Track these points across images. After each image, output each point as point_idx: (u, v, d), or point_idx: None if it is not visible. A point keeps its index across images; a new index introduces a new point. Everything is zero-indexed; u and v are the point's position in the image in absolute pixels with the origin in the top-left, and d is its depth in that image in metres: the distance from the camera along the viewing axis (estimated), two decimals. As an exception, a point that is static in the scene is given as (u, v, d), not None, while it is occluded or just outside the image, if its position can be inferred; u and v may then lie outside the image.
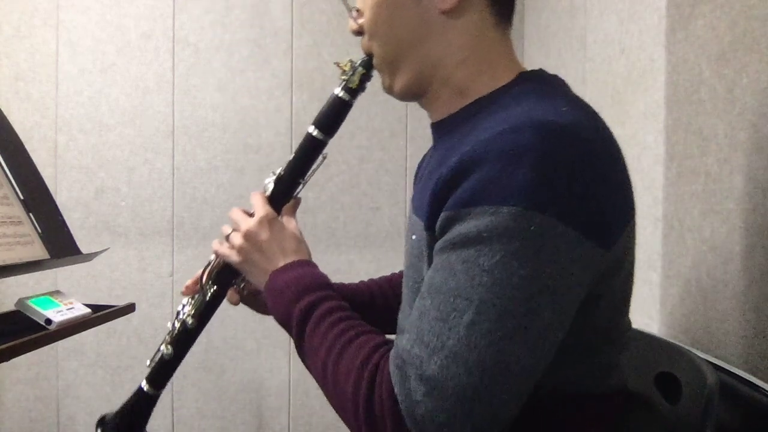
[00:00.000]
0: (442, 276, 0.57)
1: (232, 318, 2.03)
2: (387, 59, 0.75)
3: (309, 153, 0.84)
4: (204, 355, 2.06)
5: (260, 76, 2.08)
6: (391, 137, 2.07)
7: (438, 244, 0.60)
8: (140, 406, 0.90)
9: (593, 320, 0.62)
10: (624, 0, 1.27)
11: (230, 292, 0.88)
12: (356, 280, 1.06)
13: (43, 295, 1.04)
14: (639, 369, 0.83)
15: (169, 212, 2.08)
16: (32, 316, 0.97)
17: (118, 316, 1.17)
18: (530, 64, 0.75)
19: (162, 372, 0.89)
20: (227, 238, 0.83)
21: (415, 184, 0.90)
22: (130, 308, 1.20)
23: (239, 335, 2.07)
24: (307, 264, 0.78)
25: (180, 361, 0.90)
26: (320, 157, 0.84)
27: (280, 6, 2.08)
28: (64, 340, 1.02)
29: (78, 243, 1.19)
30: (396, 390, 0.56)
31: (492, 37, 0.71)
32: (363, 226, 2.09)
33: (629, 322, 0.72)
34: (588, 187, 0.56)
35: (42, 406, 2.09)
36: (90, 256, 1.18)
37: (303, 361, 0.72)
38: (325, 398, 0.68)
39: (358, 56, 0.81)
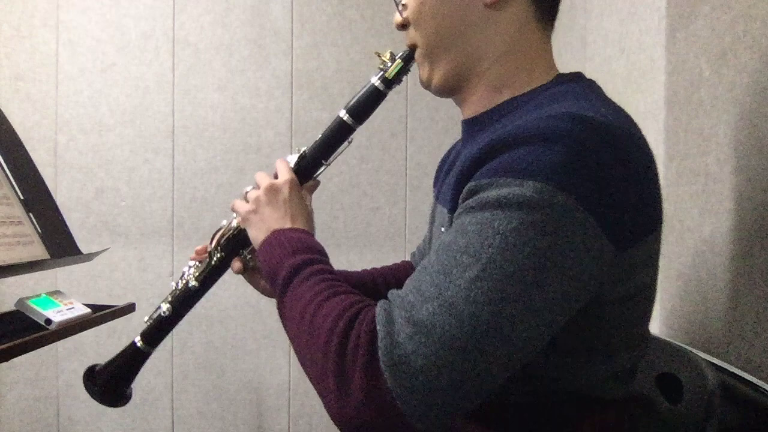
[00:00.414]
0: (452, 236, 0.56)
1: (233, 318, 2.03)
2: (429, 49, 0.75)
3: (337, 136, 0.84)
4: (204, 355, 2.06)
5: (260, 76, 2.08)
6: (391, 137, 2.07)
7: (456, 213, 0.59)
8: (131, 360, 0.92)
9: (609, 323, 0.61)
10: (624, 0, 1.27)
11: (235, 261, 0.88)
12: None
13: (43, 295, 1.04)
14: (640, 369, 0.83)
15: (169, 212, 2.08)
16: (32, 316, 0.97)
17: (118, 316, 1.17)
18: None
19: (158, 330, 0.91)
20: (246, 194, 0.83)
21: (437, 179, 0.90)
22: (130, 308, 1.20)
23: (239, 335, 2.07)
24: (311, 234, 0.77)
25: (177, 322, 0.91)
26: (346, 143, 0.84)
27: (280, 6, 2.07)
28: (64, 340, 1.02)
29: (78, 243, 1.19)
30: (378, 328, 0.54)
31: (533, 35, 0.72)
32: (363, 226, 2.09)
33: (648, 332, 0.71)
34: (615, 184, 0.55)
35: (42, 406, 2.09)
36: (90, 256, 1.18)
37: (280, 312, 0.69)
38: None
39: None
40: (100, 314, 1.10)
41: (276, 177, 0.83)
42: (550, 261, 0.53)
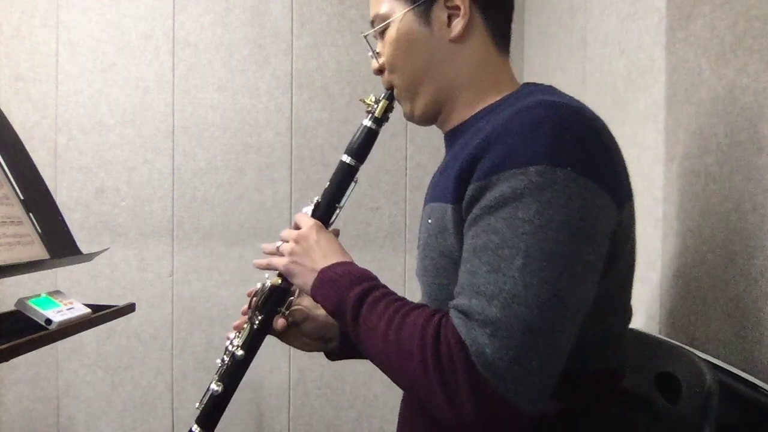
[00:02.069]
0: (484, 238, 0.63)
1: (232, 318, 2.02)
2: (407, 88, 0.85)
3: (345, 179, 0.92)
4: (204, 355, 2.06)
5: (260, 76, 2.08)
6: (391, 137, 2.07)
7: (473, 214, 0.65)
8: None
9: (602, 285, 0.65)
10: (624, 0, 1.26)
11: (277, 319, 0.92)
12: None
13: (43, 295, 1.04)
14: (639, 369, 0.83)
15: (169, 212, 2.08)
16: (32, 316, 0.97)
17: (118, 316, 1.17)
18: (530, 64, 0.77)
19: (213, 412, 0.90)
20: (278, 249, 0.88)
21: (434, 177, 0.93)
22: (130, 308, 1.20)
23: (239, 335, 2.06)
24: (354, 264, 0.82)
25: (230, 397, 0.91)
26: (352, 183, 0.92)
27: (280, 6, 2.08)
28: (64, 340, 1.02)
29: (78, 243, 1.19)
30: (463, 337, 0.60)
31: (494, 60, 0.82)
32: (363, 226, 2.09)
33: (631, 309, 0.75)
34: (598, 151, 0.64)
35: (42, 406, 2.09)
36: (90, 256, 1.18)
37: (357, 342, 0.73)
38: (325, 398, 0.68)
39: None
40: (100, 314, 1.10)
41: (299, 228, 0.88)
42: (575, 228, 0.60)
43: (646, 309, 1.14)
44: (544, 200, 0.60)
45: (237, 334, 0.93)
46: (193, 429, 0.90)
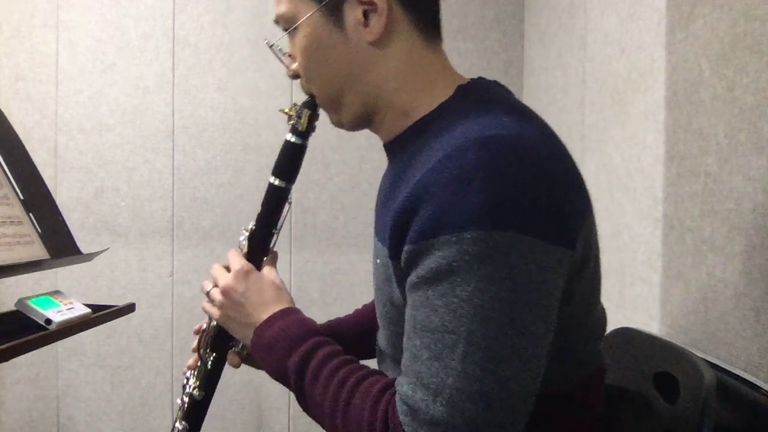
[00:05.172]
0: (424, 314, 0.58)
1: (232, 318, 2.02)
2: (329, 98, 0.76)
3: (276, 203, 0.84)
4: (204, 355, 2.07)
5: (260, 76, 2.08)
6: (391, 137, 2.07)
7: (411, 279, 0.60)
8: None
9: (566, 319, 0.62)
10: (624, 0, 1.27)
11: (230, 355, 0.87)
12: (356, 281, 1.07)
13: (43, 295, 1.04)
14: (638, 369, 0.83)
15: (169, 212, 2.08)
16: (32, 316, 0.97)
17: (118, 316, 1.17)
18: (530, 64, 0.75)
19: None
20: (208, 294, 0.82)
21: (376, 205, 0.88)
22: (130, 308, 1.20)
23: (239, 335, 2.06)
24: (290, 312, 0.76)
25: None
26: (287, 204, 0.84)
27: (280, 6, 2.07)
28: (64, 340, 1.02)
29: (78, 243, 1.19)
30: None
31: (423, 56, 0.72)
32: (363, 226, 2.09)
33: (602, 310, 0.73)
34: (542, 195, 0.57)
35: (42, 406, 2.09)
36: (90, 256, 1.18)
37: (307, 412, 0.70)
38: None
39: (301, 99, 0.81)
40: (100, 314, 1.10)
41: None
42: (519, 303, 0.55)
43: (645, 309, 1.14)
44: (483, 274, 0.54)
45: (192, 372, 0.89)
46: None
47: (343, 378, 0.65)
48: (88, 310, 1.08)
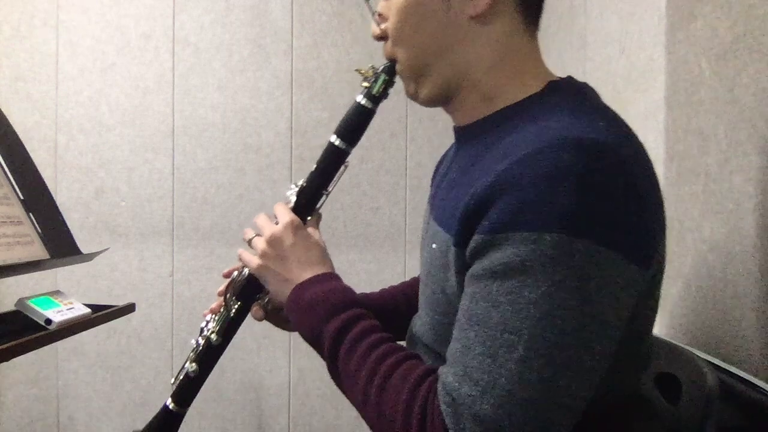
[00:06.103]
0: (484, 307, 0.56)
1: (232, 318, 2.03)
2: (413, 66, 0.72)
3: (332, 163, 0.81)
4: (204, 355, 2.07)
5: (260, 76, 2.08)
6: (391, 137, 2.07)
7: (474, 269, 0.58)
8: (166, 424, 0.89)
9: (624, 340, 0.59)
10: (624, 0, 1.27)
11: (254, 308, 0.85)
12: (356, 280, 1.06)
13: (43, 295, 1.04)
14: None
15: (169, 212, 2.08)
16: (32, 316, 0.97)
17: (118, 316, 1.17)
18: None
19: (187, 389, 0.88)
20: (249, 242, 0.79)
21: (433, 185, 0.86)
22: (130, 308, 1.20)
23: (239, 335, 2.06)
24: (334, 278, 0.74)
25: (205, 378, 0.89)
26: (342, 167, 0.81)
27: (280, 6, 2.07)
28: (64, 340, 1.02)
29: (78, 243, 1.19)
30: (450, 428, 0.55)
31: (521, 42, 0.69)
32: (363, 226, 2.09)
33: (651, 342, 0.71)
34: (629, 210, 0.55)
35: (42, 406, 2.09)
36: (90, 256, 1.18)
37: (336, 382, 0.69)
38: (325, 398, 0.67)
39: (375, 62, 0.78)
40: (100, 314, 1.10)
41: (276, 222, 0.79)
42: (588, 315, 0.53)
43: (646, 309, 1.14)
44: (557, 280, 0.52)
45: (213, 316, 0.88)
46: (167, 402, 0.88)
47: (382, 354, 0.63)
48: (88, 310, 1.08)
